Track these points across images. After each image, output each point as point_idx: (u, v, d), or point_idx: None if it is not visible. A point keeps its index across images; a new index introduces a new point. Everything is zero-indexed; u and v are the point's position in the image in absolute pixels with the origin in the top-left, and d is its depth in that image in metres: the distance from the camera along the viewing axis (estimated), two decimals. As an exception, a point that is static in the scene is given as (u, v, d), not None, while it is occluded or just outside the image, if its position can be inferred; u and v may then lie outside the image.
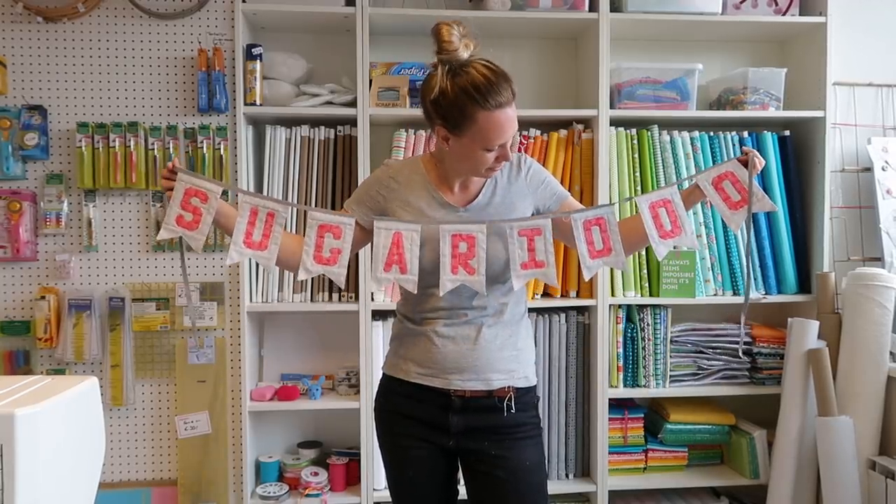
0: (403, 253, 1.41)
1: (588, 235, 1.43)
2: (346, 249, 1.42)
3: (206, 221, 1.41)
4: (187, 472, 2.49)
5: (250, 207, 1.41)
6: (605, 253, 1.43)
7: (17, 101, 2.42)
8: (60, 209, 2.41)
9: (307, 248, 1.40)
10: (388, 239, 1.41)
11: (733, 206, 1.45)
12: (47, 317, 2.37)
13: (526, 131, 2.43)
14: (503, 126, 1.40)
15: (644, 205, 1.44)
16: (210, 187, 1.41)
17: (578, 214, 1.43)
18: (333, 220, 1.42)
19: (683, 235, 1.44)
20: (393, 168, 1.59)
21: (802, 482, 2.35)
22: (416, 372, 1.54)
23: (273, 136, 2.40)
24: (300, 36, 2.54)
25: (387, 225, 1.42)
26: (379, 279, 1.41)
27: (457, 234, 1.40)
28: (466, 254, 1.40)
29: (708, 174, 1.46)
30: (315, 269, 1.41)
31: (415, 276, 1.40)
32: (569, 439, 2.47)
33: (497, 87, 1.39)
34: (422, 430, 1.54)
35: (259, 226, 1.41)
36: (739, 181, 1.44)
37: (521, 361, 1.56)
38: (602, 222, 1.42)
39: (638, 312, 2.45)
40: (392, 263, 1.41)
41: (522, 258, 1.42)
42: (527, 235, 1.41)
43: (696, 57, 2.61)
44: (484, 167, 1.46)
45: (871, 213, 2.60)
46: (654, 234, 1.44)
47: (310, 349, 2.58)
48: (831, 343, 2.36)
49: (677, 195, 1.45)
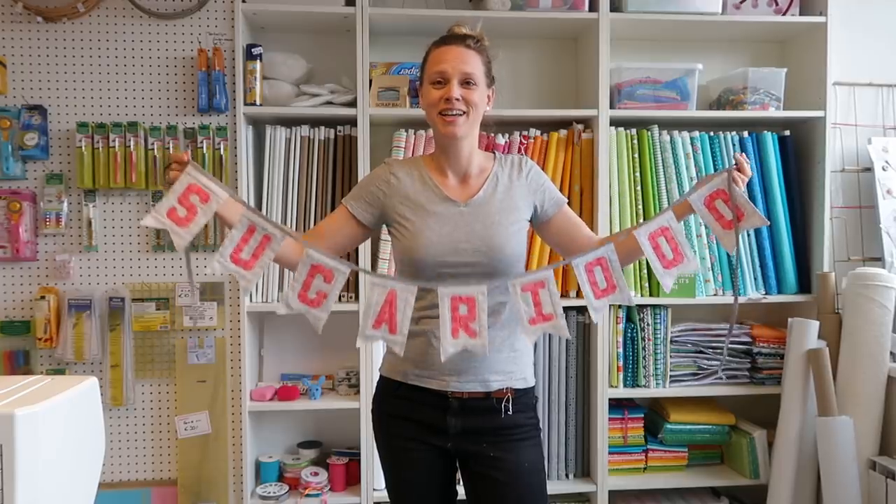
0: (395, 313, 1.35)
1: (591, 277, 1.40)
2: (332, 295, 1.35)
3: (197, 223, 1.34)
4: (187, 472, 2.49)
5: (249, 224, 1.35)
6: (610, 291, 1.40)
7: (17, 101, 2.42)
8: (60, 209, 2.41)
9: (294, 283, 1.34)
10: (382, 296, 1.34)
11: (726, 226, 1.42)
12: (47, 317, 2.37)
13: (526, 131, 2.43)
14: (444, 56, 1.49)
15: (643, 238, 1.41)
16: (215, 190, 1.35)
17: (579, 260, 1.40)
18: (329, 264, 1.35)
19: (687, 262, 1.42)
20: (393, 165, 1.60)
21: (802, 482, 2.35)
22: (413, 374, 1.54)
23: (273, 136, 2.40)
24: (300, 36, 2.54)
25: (382, 282, 1.36)
26: (366, 336, 1.36)
27: (456, 297, 1.35)
28: (467, 316, 1.35)
29: (699, 193, 1.43)
30: (297, 306, 1.35)
31: (403, 338, 1.35)
32: (569, 439, 2.47)
33: (455, 34, 1.53)
34: (420, 431, 1.54)
35: (252, 244, 1.35)
36: (731, 199, 1.42)
37: (518, 362, 1.55)
38: (603, 262, 1.39)
39: (638, 312, 2.45)
40: (382, 322, 1.35)
41: (529, 314, 1.37)
42: (531, 290, 1.37)
43: (696, 57, 2.61)
44: (436, 111, 1.50)
45: (872, 213, 2.60)
46: (657, 266, 1.42)
47: (310, 349, 2.58)
48: (831, 343, 2.36)
49: (674, 221, 1.42)
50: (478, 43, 1.53)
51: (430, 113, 1.52)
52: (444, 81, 1.49)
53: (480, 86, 1.51)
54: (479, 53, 1.52)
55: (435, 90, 1.49)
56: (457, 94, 1.47)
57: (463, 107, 1.48)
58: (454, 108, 1.48)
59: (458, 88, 1.48)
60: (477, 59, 1.51)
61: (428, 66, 1.53)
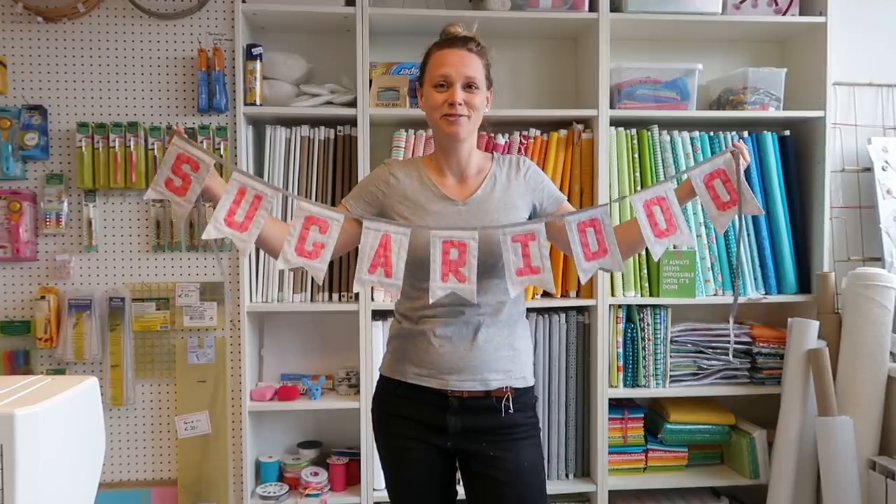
0: (390, 255, 1.37)
1: (583, 238, 1.39)
2: (329, 245, 1.37)
3: (193, 190, 1.35)
4: (187, 472, 2.49)
5: (239, 186, 1.36)
6: (601, 254, 1.39)
7: (17, 101, 2.42)
8: (60, 209, 2.41)
9: (290, 238, 1.36)
10: (376, 240, 1.37)
11: (721, 207, 1.42)
12: (47, 317, 2.37)
13: (526, 131, 2.43)
14: (446, 59, 1.50)
15: (638, 203, 1.41)
16: (203, 157, 1.36)
17: (572, 217, 1.40)
18: (322, 214, 1.37)
19: (679, 233, 1.41)
20: (393, 165, 1.61)
21: (802, 482, 2.35)
22: (413, 373, 1.54)
23: (273, 136, 2.40)
24: (300, 36, 2.54)
25: (376, 226, 1.38)
26: (362, 280, 1.37)
27: (448, 241, 1.37)
28: (457, 261, 1.37)
29: (700, 169, 1.43)
30: (295, 260, 1.36)
31: (399, 281, 1.37)
32: (569, 439, 2.47)
33: (452, 34, 1.55)
34: (419, 431, 1.54)
35: (244, 206, 1.36)
36: (730, 181, 1.42)
37: (518, 362, 1.56)
38: (596, 223, 1.39)
39: (638, 312, 2.45)
40: (377, 266, 1.37)
41: (517, 264, 1.38)
42: (521, 241, 1.38)
43: (696, 57, 2.61)
44: (439, 114, 1.50)
45: (872, 213, 2.60)
46: (649, 234, 1.40)
47: (310, 349, 2.58)
48: (831, 343, 2.36)
49: (671, 192, 1.42)
50: (479, 46, 1.54)
51: (433, 115, 1.53)
52: (448, 85, 1.49)
53: (482, 89, 1.52)
54: (480, 57, 1.53)
55: (438, 93, 1.50)
56: (460, 99, 1.48)
57: (466, 111, 1.49)
58: (457, 112, 1.48)
59: (461, 92, 1.49)
60: (478, 63, 1.52)
61: (429, 69, 1.53)
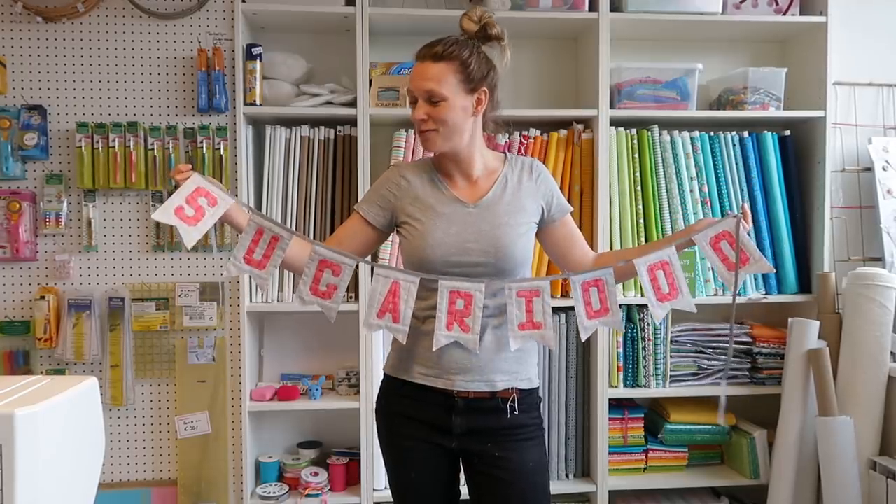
0: (399, 303, 1.40)
1: (586, 297, 1.43)
2: (342, 287, 1.42)
3: (206, 223, 1.39)
4: (187, 473, 2.49)
5: (257, 227, 1.41)
6: (603, 314, 1.43)
7: (17, 101, 2.42)
8: (60, 209, 2.41)
9: (305, 278, 1.41)
10: (385, 287, 1.40)
11: (731, 267, 1.47)
12: (47, 317, 2.37)
13: (526, 131, 2.43)
14: (412, 75, 1.50)
15: (642, 268, 1.44)
16: (223, 196, 1.41)
17: (577, 277, 1.43)
18: (335, 259, 1.41)
19: (681, 297, 1.46)
20: (403, 167, 1.61)
21: (802, 482, 2.35)
22: (418, 372, 1.54)
23: (273, 135, 2.39)
24: (300, 36, 2.54)
25: (386, 273, 1.41)
26: (370, 325, 1.42)
27: (454, 291, 1.40)
28: (462, 311, 1.40)
29: (705, 234, 1.47)
30: (310, 299, 1.42)
31: (405, 328, 1.41)
32: (569, 439, 2.47)
33: (429, 42, 1.50)
34: (424, 431, 1.54)
35: (262, 246, 1.42)
36: (736, 242, 1.45)
37: (523, 363, 1.56)
38: (600, 284, 1.43)
39: (638, 312, 2.45)
40: (385, 311, 1.41)
41: (520, 319, 1.41)
42: (525, 297, 1.41)
43: (696, 57, 2.61)
44: (416, 129, 1.52)
45: (872, 213, 2.60)
46: (651, 298, 1.45)
47: (310, 349, 2.58)
48: (831, 343, 2.36)
49: (675, 257, 1.46)
50: (448, 49, 1.46)
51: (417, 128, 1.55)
52: (413, 102, 1.51)
53: (451, 98, 1.46)
54: (449, 62, 1.45)
55: (412, 109, 1.51)
56: (422, 115, 1.48)
57: (431, 125, 1.48)
58: (422, 127, 1.50)
59: (423, 108, 1.48)
60: (443, 70, 1.45)
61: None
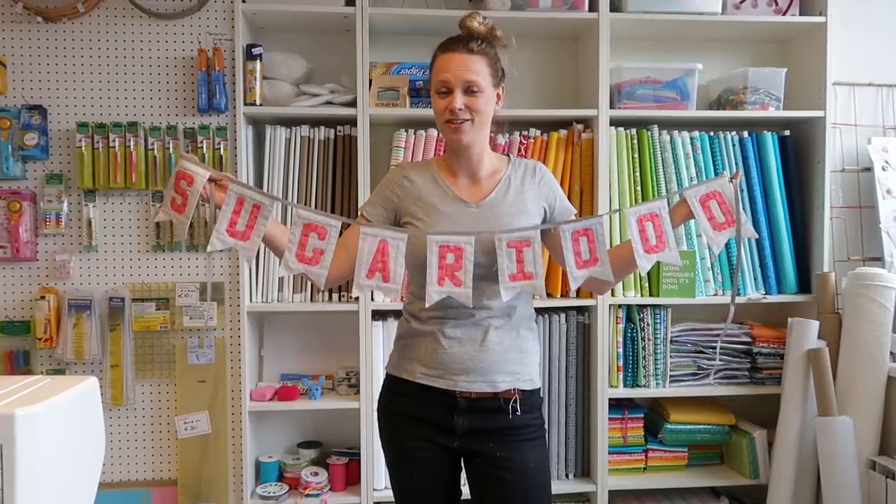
0: (388, 261, 1.38)
1: (575, 246, 1.42)
2: (328, 251, 1.39)
3: (190, 204, 1.38)
4: (187, 472, 2.49)
5: (237, 197, 1.38)
6: (592, 263, 1.42)
7: (17, 101, 2.42)
8: (60, 209, 2.41)
9: (290, 245, 1.39)
10: (374, 246, 1.38)
11: (717, 227, 1.45)
12: (47, 317, 2.37)
13: (526, 131, 2.43)
14: (447, 65, 1.49)
15: (632, 217, 1.44)
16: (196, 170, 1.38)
17: (567, 225, 1.42)
18: (319, 220, 1.39)
19: (667, 250, 1.44)
20: (406, 168, 1.61)
21: (802, 482, 2.35)
22: (421, 372, 1.54)
23: (273, 136, 2.40)
24: (300, 36, 2.54)
25: (374, 231, 1.39)
26: (361, 285, 1.39)
27: (444, 245, 1.38)
28: (453, 265, 1.39)
29: (696, 190, 1.46)
30: (296, 266, 1.39)
31: (397, 286, 1.39)
32: (569, 439, 2.47)
33: (458, 37, 1.51)
34: (426, 430, 1.54)
35: (244, 216, 1.39)
36: (726, 202, 1.45)
37: (526, 364, 1.56)
38: (590, 233, 1.42)
39: (638, 312, 2.45)
40: (375, 271, 1.38)
41: (511, 269, 1.40)
42: (515, 247, 1.40)
43: (696, 57, 2.61)
44: (443, 120, 1.51)
45: (872, 213, 2.60)
46: (638, 248, 1.43)
47: (310, 349, 2.58)
48: (831, 343, 2.36)
49: (665, 210, 1.44)
50: (482, 44, 1.51)
51: (438, 121, 1.53)
52: (448, 91, 1.49)
53: (486, 90, 1.50)
54: (483, 56, 1.50)
55: (440, 100, 1.50)
56: (459, 105, 1.48)
57: (467, 115, 1.49)
58: (458, 117, 1.48)
59: (460, 98, 1.48)
60: (481, 63, 1.49)
61: (433, 74, 1.53)
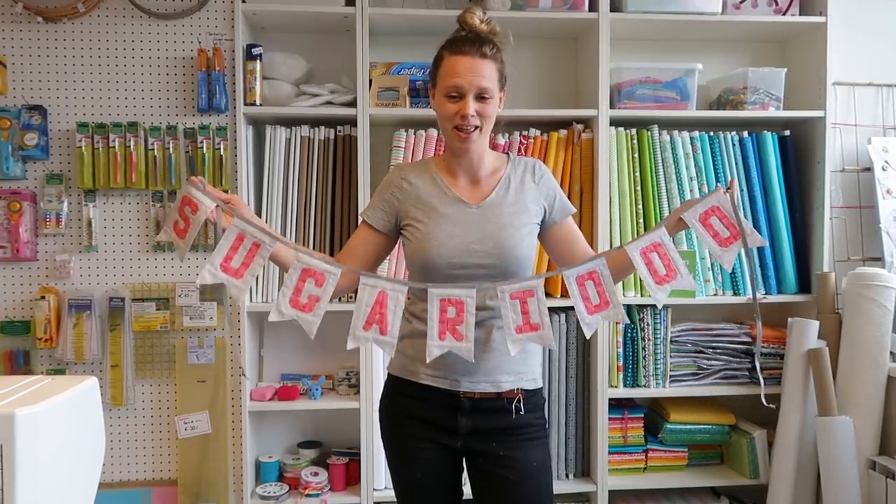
0: (386, 313, 1.35)
1: (583, 291, 1.39)
2: (324, 298, 1.36)
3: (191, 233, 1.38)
4: (187, 472, 2.49)
5: (237, 233, 1.36)
6: (603, 307, 1.39)
7: (17, 101, 2.42)
8: (60, 209, 2.41)
9: (285, 288, 1.35)
10: (372, 297, 1.35)
11: (723, 244, 1.41)
12: (47, 317, 2.37)
13: (526, 131, 2.43)
14: (458, 68, 1.45)
15: (635, 252, 1.40)
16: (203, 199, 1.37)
17: (570, 271, 1.39)
18: (319, 268, 1.35)
19: (679, 278, 1.40)
20: (404, 169, 1.60)
21: (802, 482, 2.35)
22: (424, 373, 1.53)
23: (273, 136, 2.39)
24: (300, 36, 2.54)
25: (373, 282, 1.36)
26: (357, 337, 1.36)
27: (445, 299, 1.36)
28: (454, 319, 1.36)
29: (694, 210, 1.42)
30: (288, 312, 1.35)
31: (393, 340, 1.36)
32: (569, 439, 2.47)
33: (468, 38, 1.47)
34: (429, 431, 1.54)
35: (242, 253, 1.36)
36: (727, 216, 1.40)
37: (529, 363, 1.56)
38: (595, 276, 1.39)
39: (638, 312, 2.45)
40: (373, 322, 1.35)
41: (517, 322, 1.37)
42: (519, 298, 1.37)
43: (696, 57, 2.60)
44: (451, 125, 1.48)
45: (872, 213, 2.60)
46: (650, 282, 1.40)
47: (310, 349, 2.58)
48: (831, 343, 2.36)
49: (667, 236, 1.41)
50: (494, 48, 1.49)
51: (444, 124, 1.51)
52: (459, 96, 1.46)
53: (494, 96, 1.49)
54: (493, 61, 1.48)
55: (450, 104, 1.47)
56: (472, 111, 1.46)
57: (478, 122, 1.47)
58: (470, 124, 1.47)
59: (473, 104, 1.46)
60: (492, 68, 1.47)
61: (442, 76, 1.49)
